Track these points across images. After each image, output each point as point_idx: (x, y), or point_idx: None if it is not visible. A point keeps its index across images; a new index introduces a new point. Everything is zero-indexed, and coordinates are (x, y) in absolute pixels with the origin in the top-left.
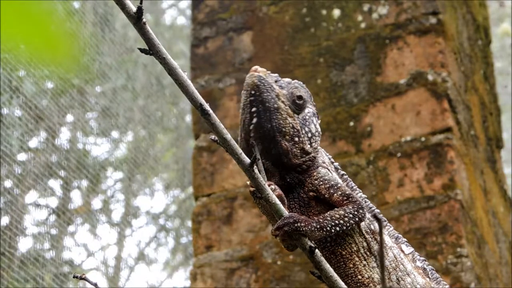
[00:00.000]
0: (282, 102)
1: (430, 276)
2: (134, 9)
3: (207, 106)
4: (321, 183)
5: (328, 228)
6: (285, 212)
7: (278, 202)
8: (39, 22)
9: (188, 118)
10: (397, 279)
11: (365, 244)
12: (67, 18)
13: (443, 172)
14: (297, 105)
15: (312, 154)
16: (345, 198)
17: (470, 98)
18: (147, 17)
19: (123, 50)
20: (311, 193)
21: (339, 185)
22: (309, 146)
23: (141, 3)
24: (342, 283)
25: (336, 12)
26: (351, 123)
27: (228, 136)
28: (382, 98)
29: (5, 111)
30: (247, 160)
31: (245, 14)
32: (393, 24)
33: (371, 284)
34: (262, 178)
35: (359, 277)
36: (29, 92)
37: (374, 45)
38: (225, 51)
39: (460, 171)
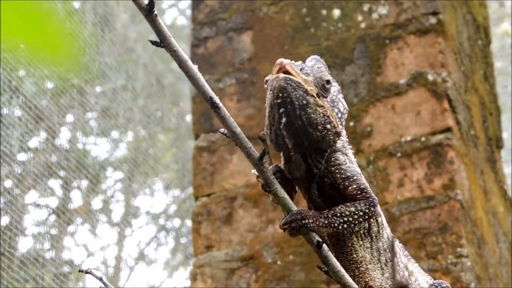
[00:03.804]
0: (311, 96)
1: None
2: (145, 1)
3: (217, 99)
4: (337, 171)
5: (336, 225)
6: (294, 207)
7: (286, 196)
8: (39, 22)
9: (188, 118)
10: (386, 260)
11: (366, 225)
12: (67, 18)
13: (443, 172)
14: (326, 89)
15: (343, 135)
16: (359, 192)
17: (470, 98)
18: None
19: (123, 50)
20: (325, 179)
21: (355, 177)
22: (340, 126)
23: None
24: (349, 278)
25: (336, 12)
26: (351, 123)
27: (238, 129)
28: (382, 98)
29: (5, 111)
30: (256, 154)
31: (245, 14)
32: (393, 24)
33: (363, 263)
34: (270, 172)
35: (354, 255)
36: (29, 92)
37: (374, 45)
38: (225, 51)
39: (460, 171)
